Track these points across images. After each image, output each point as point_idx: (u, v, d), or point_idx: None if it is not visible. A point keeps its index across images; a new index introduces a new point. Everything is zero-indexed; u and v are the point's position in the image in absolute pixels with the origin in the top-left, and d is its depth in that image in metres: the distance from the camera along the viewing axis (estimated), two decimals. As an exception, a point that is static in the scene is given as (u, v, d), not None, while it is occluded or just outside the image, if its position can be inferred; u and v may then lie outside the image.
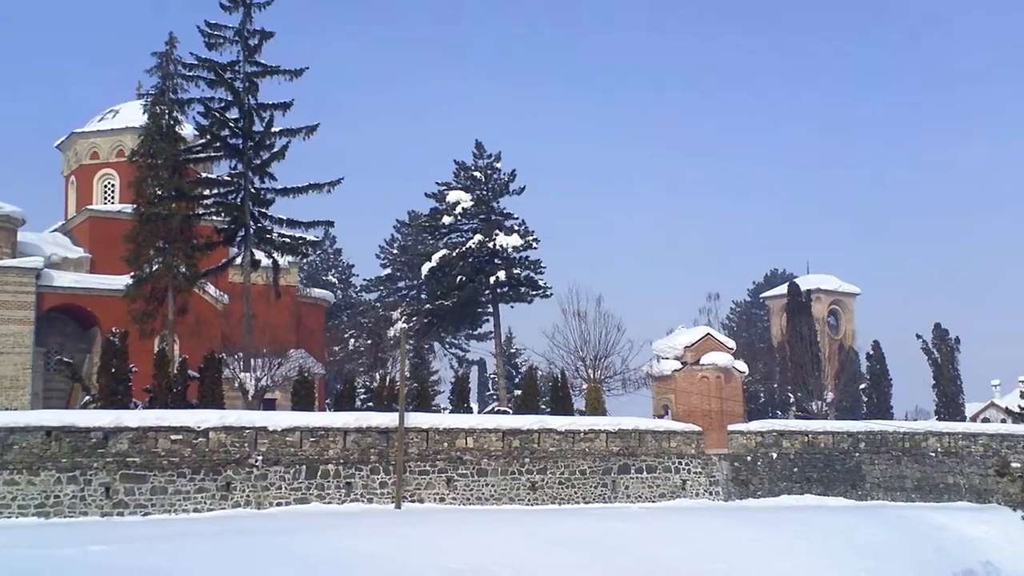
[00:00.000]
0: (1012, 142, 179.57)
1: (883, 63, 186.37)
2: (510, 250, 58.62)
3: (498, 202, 61.04)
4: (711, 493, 45.34)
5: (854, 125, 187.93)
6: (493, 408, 57.20)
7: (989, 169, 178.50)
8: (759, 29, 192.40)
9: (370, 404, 48.88)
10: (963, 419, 67.60)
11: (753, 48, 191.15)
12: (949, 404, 67.93)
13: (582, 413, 48.95)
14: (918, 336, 70.54)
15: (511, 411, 50.91)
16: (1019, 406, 35.68)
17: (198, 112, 46.72)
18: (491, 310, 61.17)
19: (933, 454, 52.09)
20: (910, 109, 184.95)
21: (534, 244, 59.46)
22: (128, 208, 47.82)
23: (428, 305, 62.37)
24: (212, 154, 49.19)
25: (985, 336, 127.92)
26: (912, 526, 41.57)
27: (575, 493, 41.96)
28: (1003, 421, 66.94)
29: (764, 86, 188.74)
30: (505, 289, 59.17)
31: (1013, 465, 40.01)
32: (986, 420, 73.95)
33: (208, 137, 47.44)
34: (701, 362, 47.94)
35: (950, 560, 38.48)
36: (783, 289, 77.20)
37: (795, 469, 48.28)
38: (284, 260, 51.09)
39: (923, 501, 50.07)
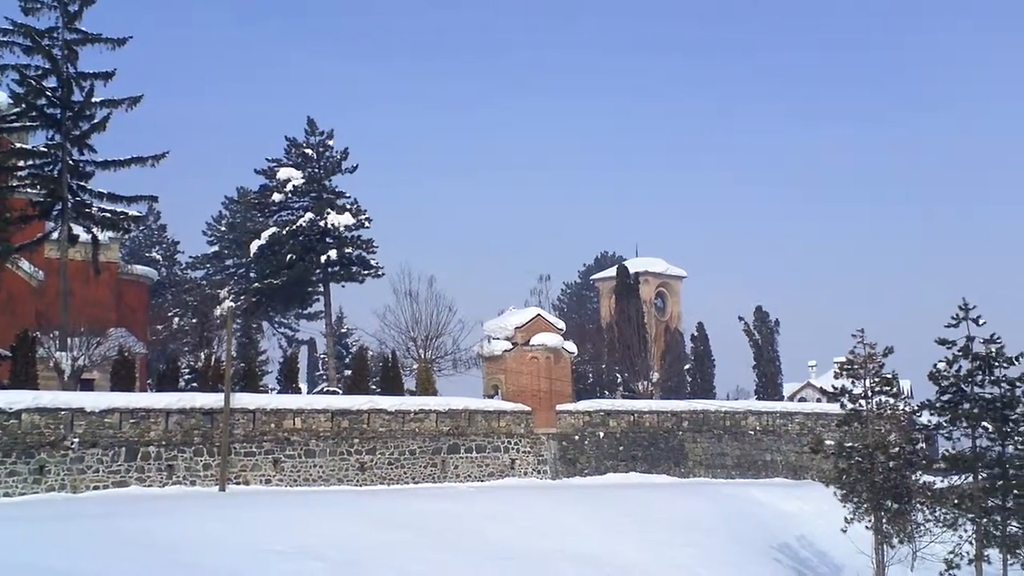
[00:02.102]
0: (829, 128, 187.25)
1: (708, 56, 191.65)
2: (342, 229, 57.90)
3: (330, 180, 60.25)
4: (539, 472, 45.94)
5: (678, 113, 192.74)
6: (322, 388, 56.50)
7: (807, 155, 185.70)
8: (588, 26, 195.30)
9: (195, 385, 47.65)
10: (781, 399, 70.25)
11: (585, 38, 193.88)
12: (768, 384, 70.40)
13: (412, 393, 48.90)
14: (740, 318, 72.88)
15: (341, 391, 50.49)
16: (833, 386, 37.10)
17: (12, 80, 44.44)
18: (321, 289, 60.41)
19: (752, 432, 54.02)
20: (728, 97, 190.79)
21: (366, 223, 58.92)
22: (-65, 178, 45.23)
23: (256, 284, 61.04)
24: (27, 124, 46.69)
25: (803, 319, 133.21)
26: (732, 502, 43.04)
27: (404, 473, 41.94)
28: (818, 400, 69.67)
29: (595, 70, 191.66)
30: (336, 268, 58.52)
31: (827, 443, 41.72)
32: (803, 399, 76.86)
33: (23, 106, 45.13)
34: (531, 343, 48.36)
35: (767, 534, 40.04)
36: (612, 271, 78.38)
37: (621, 447, 49.33)
38: (104, 235, 49.11)
39: (742, 478, 51.93)
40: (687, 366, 71.08)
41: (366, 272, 59.02)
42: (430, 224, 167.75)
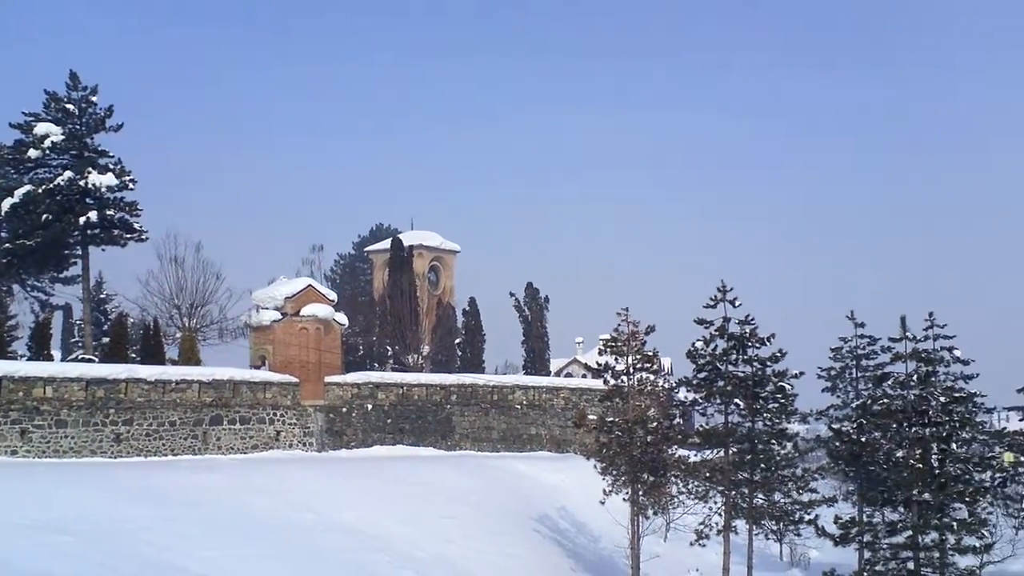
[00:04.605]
0: (595, 108, 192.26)
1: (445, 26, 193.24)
2: (103, 190, 55.11)
3: (92, 138, 57.33)
4: (305, 444, 45.40)
5: (456, 83, 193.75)
6: (77, 356, 53.92)
7: (580, 136, 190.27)
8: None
9: (-65, 350, 44.71)
10: (548, 374, 71.67)
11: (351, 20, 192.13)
12: (536, 359, 71.69)
13: (175, 363, 47.43)
14: (511, 294, 73.82)
15: (97, 359, 48.39)
16: (597, 362, 38.12)
17: None
18: (80, 252, 57.54)
19: (519, 406, 54.94)
20: (508, 73, 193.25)
21: (130, 185, 56.37)
22: None
23: (8, 244, 57.61)
24: None
25: (572, 296, 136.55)
26: (496, 475, 43.72)
27: (163, 445, 40.70)
28: (584, 376, 71.39)
29: (381, 34, 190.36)
30: (96, 231, 55.79)
31: (589, 417, 42.86)
32: (569, 375, 78.72)
33: None
34: (301, 313, 47.63)
35: (529, 506, 40.88)
36: (387, 244, 78.05)
37: (389, 420, 49.30)
38: None
39: (508, 451, 52.83)
40: (458, 340, 71.49)
41: (128, 235, 56.47)
42: (199, 189, 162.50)
